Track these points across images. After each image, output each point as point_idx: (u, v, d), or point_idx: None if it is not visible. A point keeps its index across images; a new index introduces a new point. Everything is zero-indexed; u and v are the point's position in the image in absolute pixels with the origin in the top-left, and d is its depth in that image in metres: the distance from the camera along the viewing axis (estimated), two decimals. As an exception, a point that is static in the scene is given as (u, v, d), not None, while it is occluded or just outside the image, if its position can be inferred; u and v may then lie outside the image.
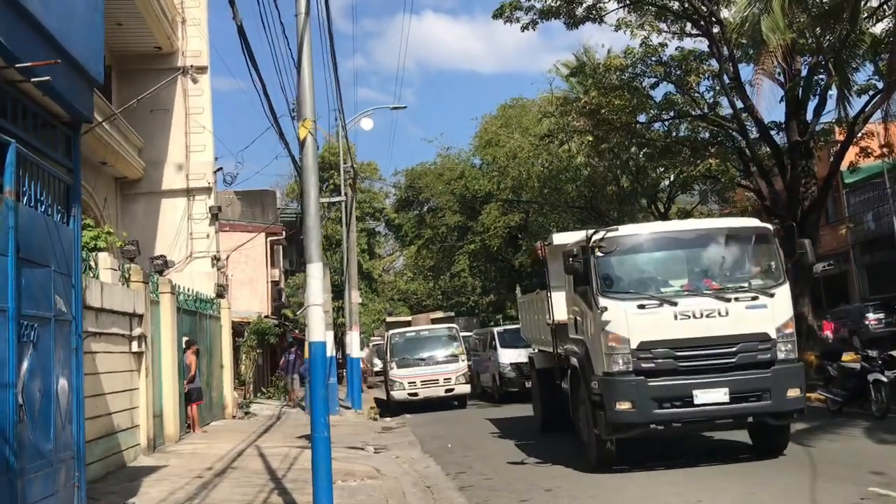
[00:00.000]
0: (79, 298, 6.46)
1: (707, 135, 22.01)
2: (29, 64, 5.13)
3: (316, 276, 7.11)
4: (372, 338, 42.32)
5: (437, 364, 22.10)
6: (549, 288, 12.65)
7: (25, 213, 5.41)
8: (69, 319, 6.24)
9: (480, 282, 43.45)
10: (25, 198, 5.50)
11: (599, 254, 9.61)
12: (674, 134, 22.40)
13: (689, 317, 9.19)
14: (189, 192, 20.54)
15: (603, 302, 9.41)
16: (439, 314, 30.20)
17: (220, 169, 21.78)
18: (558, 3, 19.42)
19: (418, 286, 55.37)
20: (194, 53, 20.66)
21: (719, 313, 9.20)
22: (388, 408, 22.47)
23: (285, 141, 18.33)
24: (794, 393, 9.13)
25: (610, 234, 9.79)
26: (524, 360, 17.83)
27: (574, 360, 10.87)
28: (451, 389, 21.79)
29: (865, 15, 16.37)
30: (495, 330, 24.50)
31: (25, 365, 5.25)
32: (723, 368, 9.14)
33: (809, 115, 18.64)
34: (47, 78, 5.32)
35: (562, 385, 12.31)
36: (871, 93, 18.20)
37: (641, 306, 9.29)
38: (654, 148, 22.35)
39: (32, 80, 5.31)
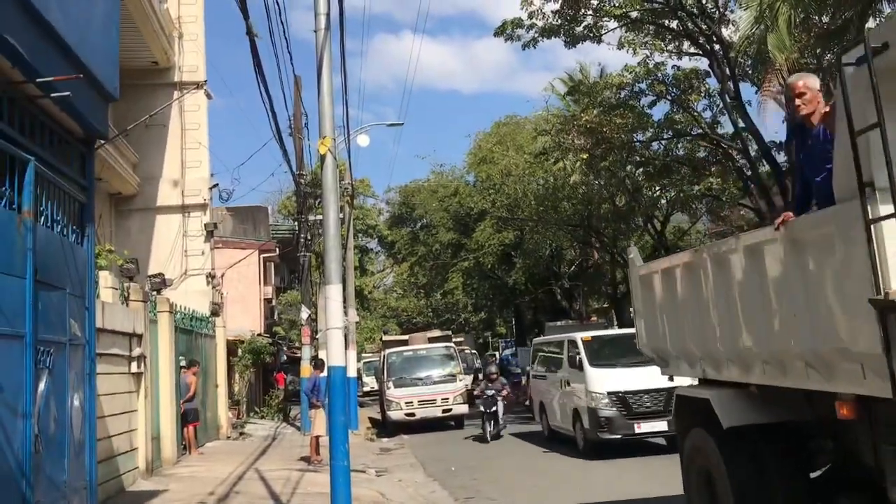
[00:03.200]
0: (92, 321, 6.23)
1: (706, 154, 21.99)
2: (50, 79, 4.93)
3: (335, 297, 6.91)
4: (364, 355, 41.96)
5: (435, 384, 21.81)
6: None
7: (43, 234, 5.19)
8: (82, 343, 6.00)
9: (473, 299, 43.29)
10: (42, 218, 5.28)
11: None
12: (672, 153, 22.37)
13: None
14: (184, 209, 20.30)
15: None
16: (436, 332, 29.89)
17: (216, 185, 21.57)
18: (559, 22, 19.40)
19: (409, 303, 55.14)
20: (191, 69, 20.48)
21: None
22: (385, 428, 22.15)
23: (287, 157, 18.25)
24: None
25: None
26: (636, 387, 13.14)
27: None
28: (449, 410, 21.51)
29: (868, 35, 16.39)
30: (578, 337, 15.15)
31: (41, 392, 5.02)
32: None
33: (810, 135, 18.60)
34: (67, 93, 5.12)
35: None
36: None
37: None
38: (653, 167, 22.30)
39: (52, 95, 5.11)
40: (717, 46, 18.69)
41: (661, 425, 13.02)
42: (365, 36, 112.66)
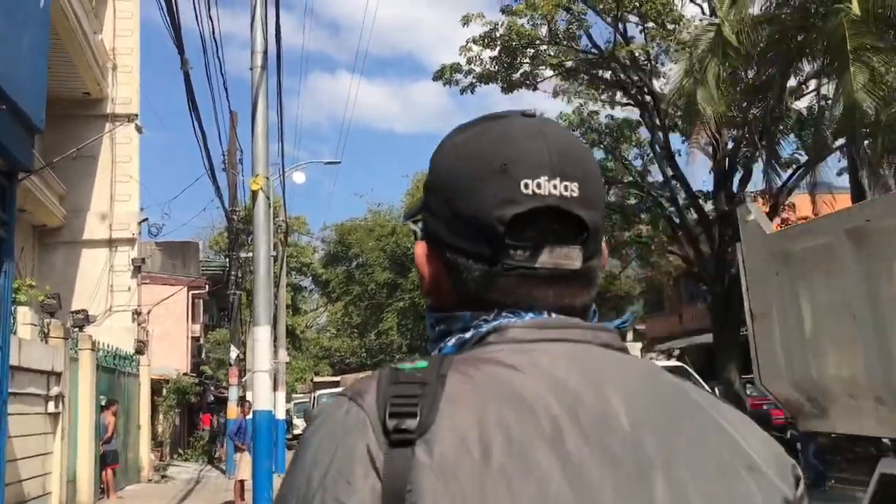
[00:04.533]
0: (6, 359, 5.96)
1: (636, 201, 22.56)
2: (-30, 109, 4.77)
3: (263, 339, 6.78)
4: (294, 395, 41.22)
5: None
6: None
7: (-45, 268, 4.98)
8: (-7, 383, 5.74)
9: (408, 340, 43.06)
10: (-45, 251, 5.07)
11: None
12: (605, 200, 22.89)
13: None
14: (111, 243, 19.75)
15: None
16: (369, 374, 29.62)
17: (146, 220, 21.09)
18: (496, 68, 19.78)
19: (342, 343, 54.53)
20: (124, 101, 20.11)
21: None
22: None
23: (219, 193, 18.01)
24: None
25: None
26: None
27: None
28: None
29: (789, 92, 17.17)
30: None
31: (-55, 436, 4.76)
32: None
33: (736, 186, 19.31)
34: (-12, 124, 4.96)
35: None
36: (794, 166, 19.01)
37: None
38: (585, 212, 22.73)
39: (-29, 125, 4.94)
40: (648, 98, 19.31)
41: None
42: (301, 74, 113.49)
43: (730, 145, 19.01)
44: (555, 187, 0.82)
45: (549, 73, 20.44)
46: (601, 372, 0.80)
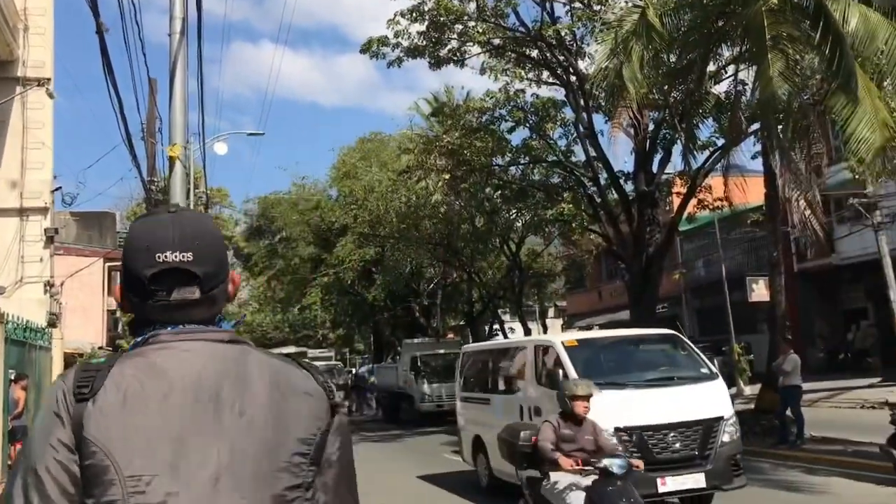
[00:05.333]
0: None
1: (559, 180, 22.89)
2: None
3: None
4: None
5: None
6: None
7: None
8: None
9: (331, 315, 42.78)
10: None
11: None
12: (529, 178, 23.16)
13: None
14: (23, 212, 18.96)
15: None
16: (292, 349, 29.38)
17: (59, 188, 20.32)
18: (424, 43, 19.71)
19: (265, 318, 53.89)
20: (36, 64, 19.23)
21: None
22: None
23: (137, 162, 17.48)
24: None
25: None
26: (658, 420, 8.90)
27: None
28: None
29: (708, 76, 17.63)
30: (557, 342, 10.27)
31: None
32: None
33: (655, 167, 19.78)
34: None
35: None
36: (711, 149, 19.60)
37: None
38: (510, 190, 22.97)
39: None
40: (573, 78, 19.55)
41: (694, 480, 8.60)
42: (223, 43, 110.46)
43: (651, 127, 19.45)
44: (176, 257, 1.53)
45: (476, 49, 20.48)
46: (208, 354, 1.51)
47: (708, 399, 9.04)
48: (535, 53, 20.59)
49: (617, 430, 8.35)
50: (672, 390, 9.03)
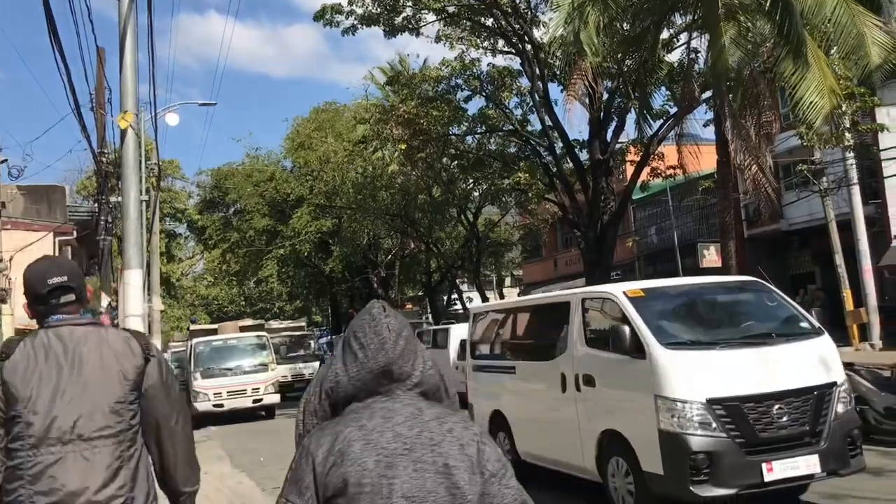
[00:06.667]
0: None
1: (515, 149, 22.96)
2: None
3: (135, 283, 6.57)
4: (171, 344, 40.16)
5: (245, 374, 21.30)
6: None
7: None
8: None
9: (288, 287, 42.52)
10: None
11: None
12: (485, 147, 23.19)
13: None
14: (-34, 186, 18.46)
15: None
16: (248, 321, 29.09)
17: (5, 161, 19.78)
18: (378, 10, 19.50)
19: (220, 291, 53.34)
20: (-24, 32, 18.63)
21: None
22: (192, 419, 21.31)
23: (86, 133, 17.09)
24: None
25: None
26: (759, 389, 6.84)
27: None
28: (260, 400, 21.06)
29: (661, 44, 17.77)
30: (617, 292, 7.92)
31: None
32: None
33: (609, 136, 19.94)
34: None
35: None
36: (664, 118, 19.80)
37: None
38: (467, 160, 22.99)
39: None
40: (528, 46, 19.54)
41: (807, 464, 6.68)
42: (171, 13, 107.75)
43: (605, 97, 19.57)
44: (58, 279, 2.83)
45: (431, 17, 20.34)
46: (80, 335, 2.78)
47: (816, 360, 7.16)
48: (490, 22, 20.51)
49: (709, 402, 6.56)
50: (771, 350, 7.05)
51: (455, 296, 38.78)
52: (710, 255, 28.19)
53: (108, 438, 2.70)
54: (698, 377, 6.75)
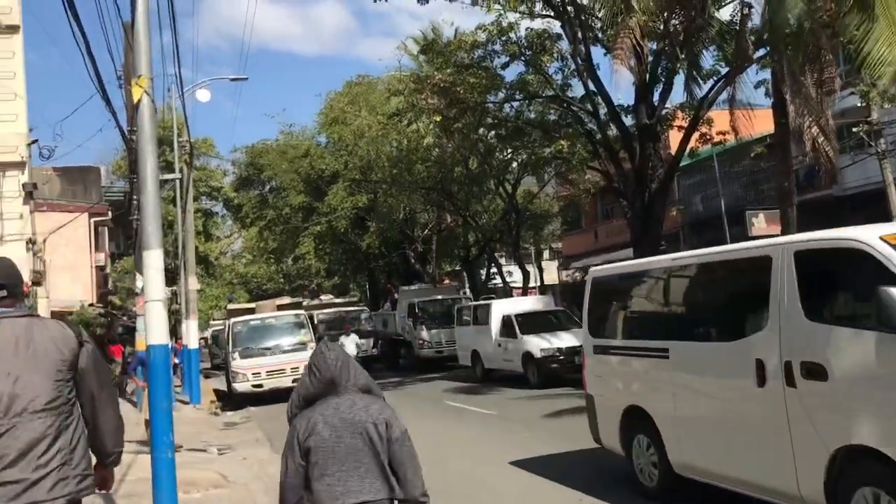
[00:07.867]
0: None
1: (556, 116, 22.09)
2: None
3: (155, 266, 6.03)
4: (211, 322, 40.19)
5: (284, 353, 20.94)
6: None
7: None
8: None
9: (326, 264, 42.23)
10: None
11: None
12: (524, 115, 22.35)
13: None
14: (-2, 167, 18.21)
15: None
16: (286, 300, 28.83)
17: (35, 141, 19.50)
18: (412, -26, 18.74)
19: (258, 269, 53.36)
20: (3, 10, 18.26)
21: None
22: (231, 400, 21.08)
23: (112, 109, 16.63)
24: None
25: None
26: None
27: None
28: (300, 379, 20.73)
29: (710, 1, 16.78)
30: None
31: None
32: None
33: (656, 99, 18.99)
34: None
35: None
36: (714, 78, 18.79)
37: None
38: (505, 129, 22.20)
39: None
40: (569, 8, 18.61)
41: None
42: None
43: (650, 59, 18.61)
44: None
45: (468, -23, 19.49)
46: (24, 326, 3.32)
47: None
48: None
49: None
50: None
51: (494, 270, 38.12)
52: (759, 223, 27.07)
53: (50, 411, 3.23)
54: None
